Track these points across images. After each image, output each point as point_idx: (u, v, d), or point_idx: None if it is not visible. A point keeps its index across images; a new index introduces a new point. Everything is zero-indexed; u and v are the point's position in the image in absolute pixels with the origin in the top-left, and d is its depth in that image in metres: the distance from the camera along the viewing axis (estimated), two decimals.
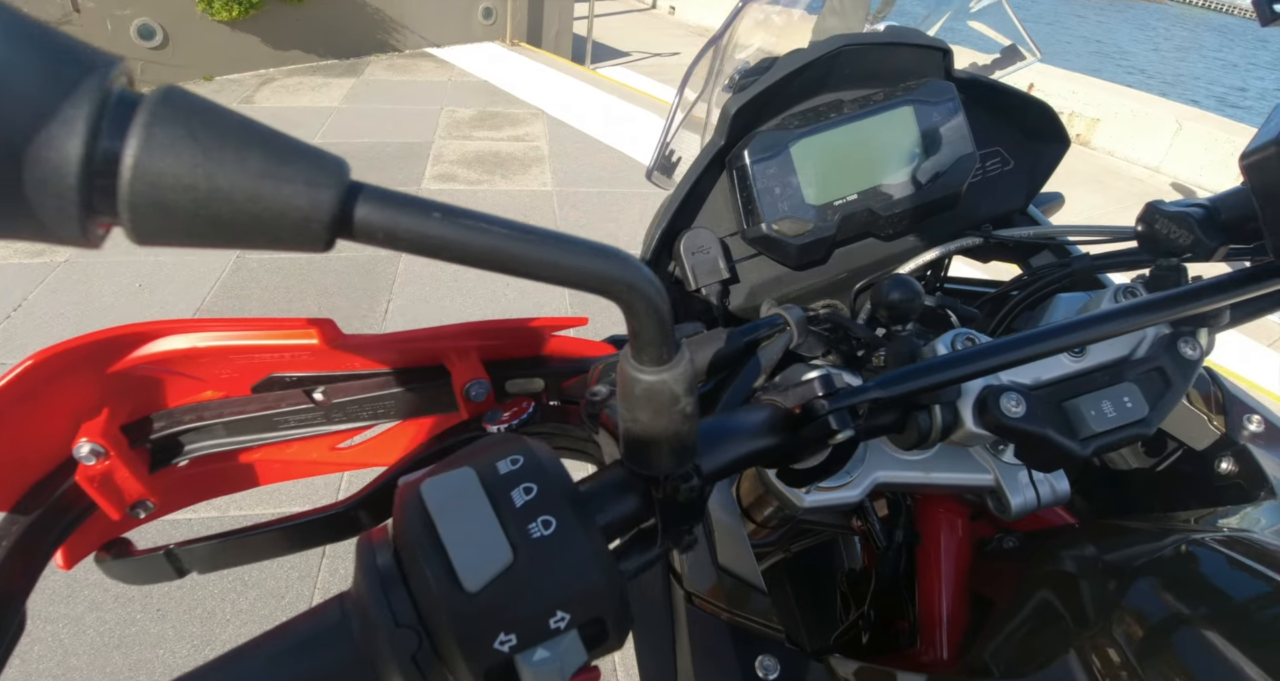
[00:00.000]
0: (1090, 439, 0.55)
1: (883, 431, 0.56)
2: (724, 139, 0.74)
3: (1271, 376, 3.68)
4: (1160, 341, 0.60)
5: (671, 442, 0.33)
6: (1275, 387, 3.58)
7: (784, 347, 0.54)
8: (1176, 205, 0.58)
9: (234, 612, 2.15)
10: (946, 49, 0.78)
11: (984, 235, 0.75)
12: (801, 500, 0.67)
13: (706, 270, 0.75)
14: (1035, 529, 0.79)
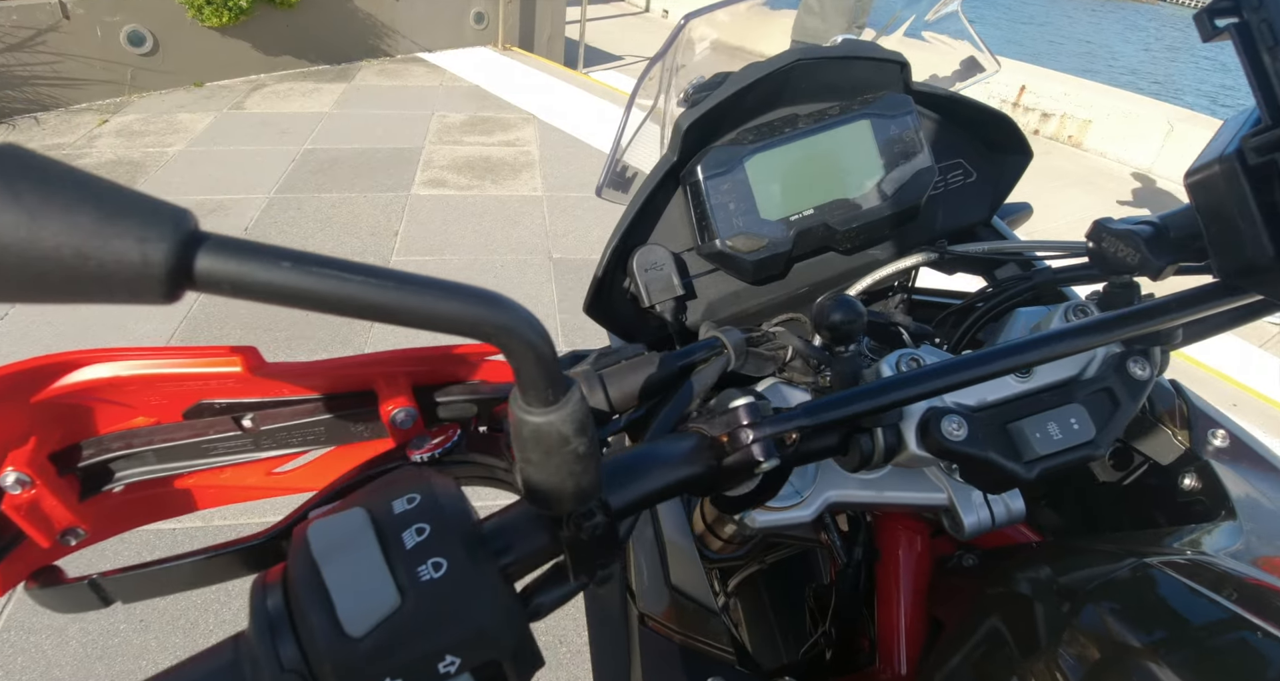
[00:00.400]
0: (1035, 461, 0.55)
1: (824, 454, 0.55)
2: (677, 154, 0.74)
3: (1269, 380, 3.67)
4: (1110, 361, 0.59)
5: (567, 483, 0.33)
6: (1271, 392, 3.57)
7: (720, 371, 0.53)
8: (1125, 222, 0.57)
9: (217, 623, 2.14)
10: (904, 62, 0.78)
11: (939, 250, 0.75)
12: (754, 520, 0.67)
13: (660, 287, 0.75)
14: (997, 546, 0.78)
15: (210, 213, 4.34)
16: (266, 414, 0.54)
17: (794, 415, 0.45)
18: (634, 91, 0.95)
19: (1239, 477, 0.73)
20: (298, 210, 4.41)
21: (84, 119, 5.65)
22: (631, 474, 0.41)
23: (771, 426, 0.44)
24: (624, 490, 0.40)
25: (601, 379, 0.49)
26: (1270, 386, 3.61)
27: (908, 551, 0.77)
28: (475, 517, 0.35)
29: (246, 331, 3.37)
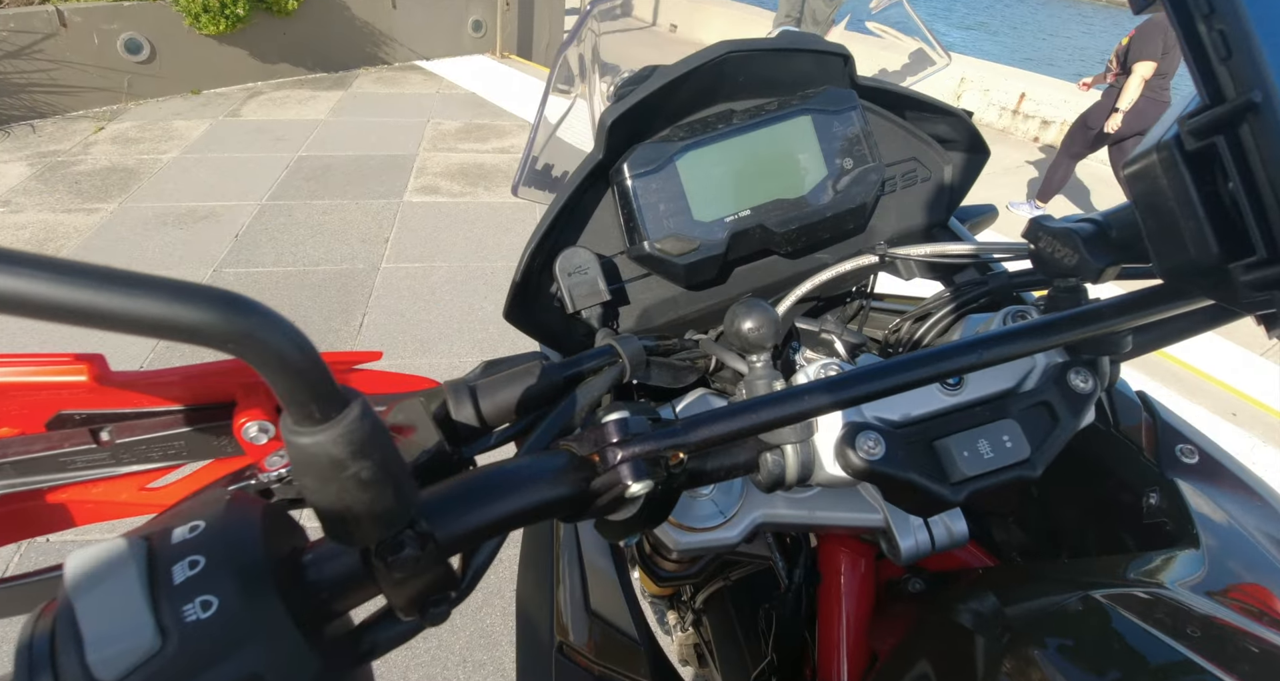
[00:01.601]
0: (963, 483, 0.50)
1: (728, 473, 0.51)
2: (603, 152, 0.70)
3: (1269, 388, 3.61)
4: (1050, 372, 0.54)
5: (355, 512, 0.28)
6: (1271, 401, 3.51)
7: (611, 383, 0.49)
8: (1064, 221, 0.53)
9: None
10: (846, 55, 0.73)
11: (879, 254, 0.70)
12: (674, 542, 0.62)
13: (584, 292, 0.70)
14: (947, 569, 0.74)
15: (201, 220, 4.32)
16: (125, 426, 0.50)
17: (670, 433, 0.40)
18: (548, 83, 0.91)
19: (1206, 498, 0.68)
20: (288, 217, 4.38)
21: (80, 126, 5.65)
22: (472, 499, 0.36)
23: (642, 445, 0.39)
24: (461, 517, 0.35)
25: (473, 391, 0.45)
26: (1270, 394, 3.54)
27: (850, 574, 0.72)
28: (266, 549, 0.31)
29: None
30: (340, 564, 0.33)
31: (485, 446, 0.45)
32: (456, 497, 0.36)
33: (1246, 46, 0.35)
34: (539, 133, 0.91)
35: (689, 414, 0.62)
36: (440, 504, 0.35)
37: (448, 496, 0.36)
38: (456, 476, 0.38)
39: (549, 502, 0.39)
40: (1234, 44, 0.35)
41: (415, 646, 2.11)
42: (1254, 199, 0.37)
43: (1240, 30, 0.35)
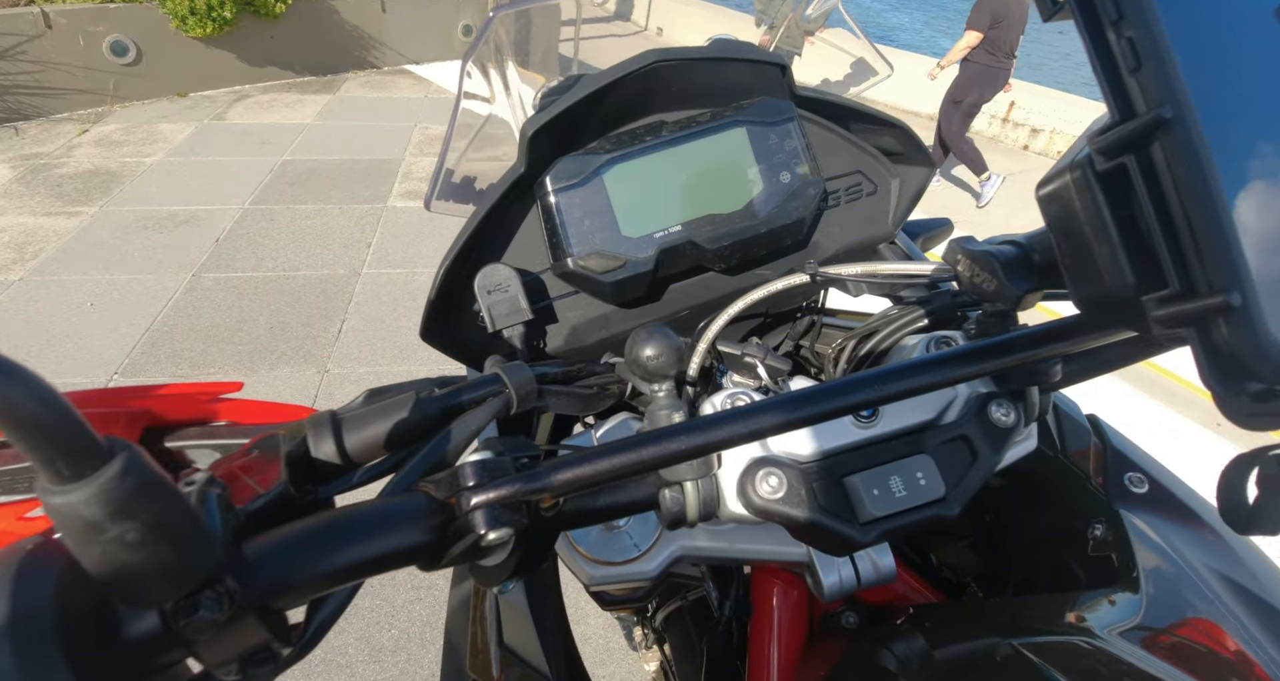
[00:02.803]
0: (873, 523, 0.47)
1: (626, 511, 0.48)
2: (525, 165, 0.67)
3: None
4: (971, 404, 0.51)
5: (131, 574, 0.25)
6: None
7: (493, 415, 0.46)
8: (987, 243, 0.50)
9: None
10: (784, 64, 0.70)
11: (809, 272, 0.68)
12: (589, 576, 0.59)
13: (505, 310, 0.67)
14: (884, 602, 0.71)
15: (183, 224, 4.28)
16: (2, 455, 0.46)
17: (531, 477, 0.37)
18: (459, 93, 0.88)
19: (1152, 531, 0.66)
20: (271, 221, 4.35)
21: (64, 128, 5.61)
22: (303, 549, 0.33)
23: (498, 490, 0.36)
24: (286, 570, 0.32)
25: (336, 424, 0.42)
26: None
27: (783, 607, 0.69)
28: (58, 609, 0.27)
29: (209, 343, 3.30)
30: (144, 624, 0.30)
31: (347, 486, 0.42)
32: (283, 548, 0.33)
33: (1157, 57, 0.32)
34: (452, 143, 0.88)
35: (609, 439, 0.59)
36: (262, 556, 0.32)
37: (273, 547, 0.33)
38: (291, 524, 0.34)
39: (400, 551, 0.36)
40: (1144, 54, 0.32)
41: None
42: (1166, 225, 0.34)
43: (1151, 39, 0.32)
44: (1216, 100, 0.33)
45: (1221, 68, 0.33)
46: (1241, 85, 0.34)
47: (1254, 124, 0.34)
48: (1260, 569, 0.66)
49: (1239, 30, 0.34)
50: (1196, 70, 0.32)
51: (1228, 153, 0.33)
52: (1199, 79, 0.32)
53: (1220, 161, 0.32)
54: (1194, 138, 0.31)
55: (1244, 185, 0.33)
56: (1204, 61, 0.33)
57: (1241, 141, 0.33)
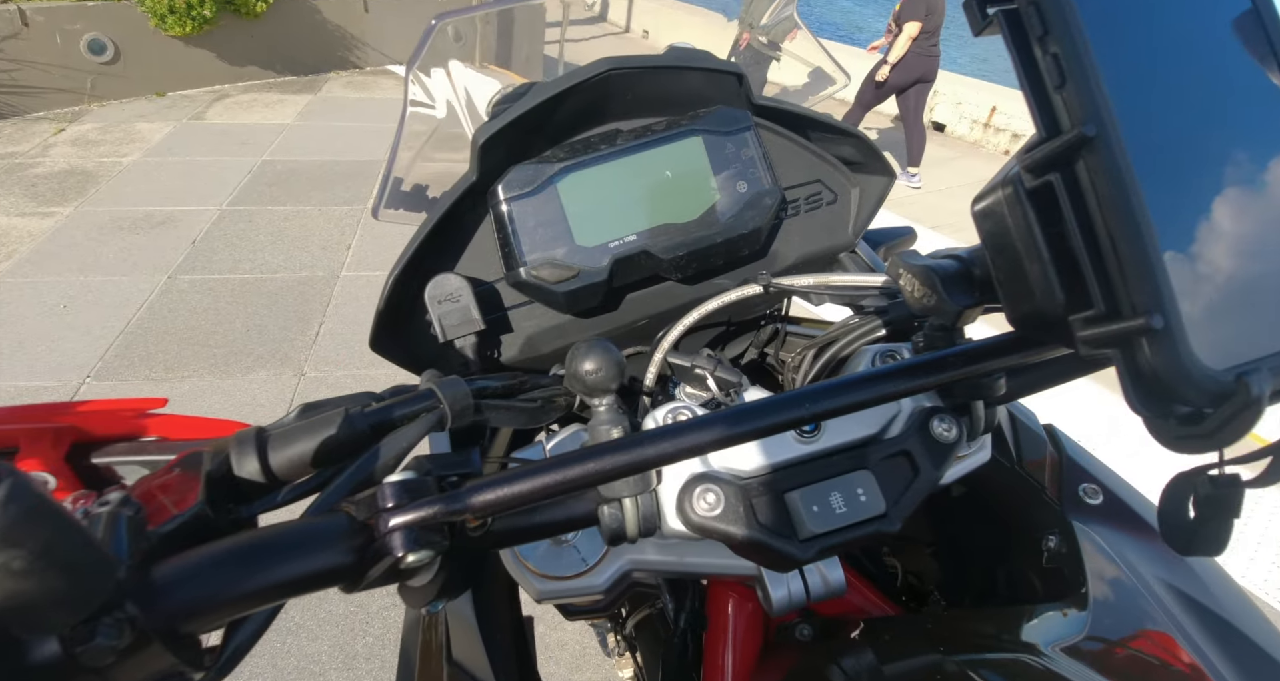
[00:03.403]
0: (812, 540, 0.47)
1: (565, 528, 0.47)
2: (476, 173, 0.66)
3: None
4: (914, 419, 0.51)
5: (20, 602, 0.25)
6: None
7: (425, 431, 0.45)
8: (928, 257, 0.49)
9: None
10: (740, 73, 0.70)
11: (762, 283, 0.67)
12: (537, 591, 0.58)
13: (457, 320, 0.66)
14: (840, 614, 0.70)
15: (159, 225, 4.24)
16: None
17: (451, 498, 0.37)
18: (404, 100, 0.88)
19: (1103, 543, 0.66)
20: (249, 222, 4.31)
21: (40, 127, 5.54)
22: (213, 572, 0.32)
23: (416, 512, 0.35)
24: (194, 594, 0.31)
25: (261, 441, 0.41)
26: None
27: (737, 620, 0.69)
28: None
29: (184, 346, 3.26)
30: (46, 651, 0.29)
31: (271, 505, 0.41)
32: (192, 571, 0.32)
33: (1081, 73, 0.32)
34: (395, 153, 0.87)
35: (559, 451, 0.58)
36: (170, 579, 0.31)
37: (182, 570, 0.32)
38: (204, 546, 0.34)
39: (317, 573, 0.35)
40: (1068, 70, 0.32)
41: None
42: (1091, 245, 0.33)
43: (1075, 55, 0.32)
44: (1142, 119, 0.33)
45: (1148, 87, 0.33)
46: (1169, 105, 0.33)
47: (1181, 144, 0.33)
48: (1213, 580, 0.66)
49: (1167, 49, 0.34)
50: (1122, 88, 0.32)
51: (1153, 172, 0.32)
52: (1125, 97, 0.32)
53: (1145, 181, 0.32)
54: (1117, 156, 0.31)
55: (1169, 206, 0.33)
56: (1130, 80, 0.33)
57: (1168, 161, 0.33)
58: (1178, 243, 0.32)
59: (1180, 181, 0.33)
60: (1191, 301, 0.32)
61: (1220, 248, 0.33)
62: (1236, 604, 0.64)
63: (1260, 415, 0.30)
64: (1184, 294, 0.31)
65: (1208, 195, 0.33)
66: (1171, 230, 0.32)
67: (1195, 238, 0.33)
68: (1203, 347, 0.31)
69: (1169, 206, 0.32)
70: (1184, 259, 0.32)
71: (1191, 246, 0.32)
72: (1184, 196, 0.33)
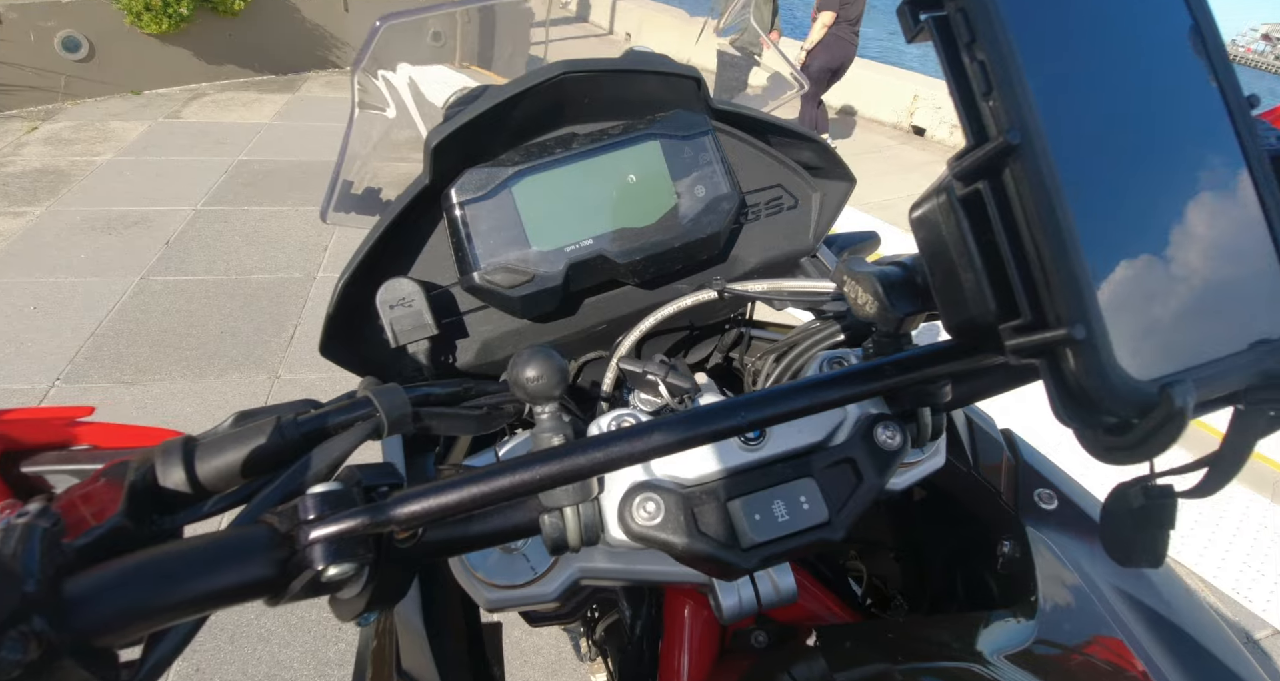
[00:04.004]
0: (755, 549, 0.46)
1: (506, 537, 0.46)
2: (430, 176, 0.65)
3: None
4: (859, 426, 0.51)
5: None
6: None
7: (359, 440, 0.44)
8: (872, 264, 0.49)
9: None
10: (697, 77, 0.70)
11: (716, 288, 0.67)
12: (485, 600, 0.58)
13: (409, 325, 0.65)
14: (794, 620, 0.70)
15: (133, 225, 4.18)
16: None
17: (374, 510, 0.36)
18: (352, 102, 0.87)
19: (1056, 548, 0.66)
20: (224, 223, 4.26)
21: (12, 126, 5.45)
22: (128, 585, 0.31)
23: (337, 524, 0.35)
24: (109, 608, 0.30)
25: (188, 451, 0.40)
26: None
27: (693, 626, 0.68)
28: None
29: (156, 348, 3.21)
30: None
31: (197, 516, 0.40)
32: (107, 584, 0.31)
33: (1007, 81, 0.31)
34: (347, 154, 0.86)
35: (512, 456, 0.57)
36: (84, 592, 0.30)
37: (96, 583, 0.31)
38: (122, 558, 0.33)
39: (238, 586, 0.34)
40: (995, 78, 0.32)
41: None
42: (1018, 253, 0.33)
43: (1001, 63, 0.31)
44: (1071, 129, 0.32)
45: (1078, 96, 0.33)
46: (1099, 115, 0.33)
47: (1111, 155, 0.33)
48: (1167, 585, 0.66)
49: (1098, 60, 0.34)
50: (1050, 97, 0.32)
51: (1081, 182, 0.32)
52: (1053, 106, 0.32)
53: (1072, 190, 0.31)
54: (1041, 165, 0.31)
55: (1097, 216, 0.32)
56: (1059, 89, 0.32)
57: (1096, 172, 0.33)
58: (1105, 253, 0.32)
59: (1109, 192, 0.33)
60: (1118, 312, 0.31)
61: (1148, 259, 0.33)
62: (1189, 608, 0.64)
63: (1184, 426, 0.30)
64: (1111, 304, 0.31)
65: (1137, 207, 0.33)
66: (1099, 241, 0.32)
67: (1123, 249, 0.32)
68: (1129, 358, 0.31)
69: (1097, 217, 0.32)
70: (1111, 269, 0.32)
71: (1119, 257, 0.32)
72: (1113, 207, 0.33)
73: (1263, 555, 2.67)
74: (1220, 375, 0.32)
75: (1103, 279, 0.31)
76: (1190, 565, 2.57)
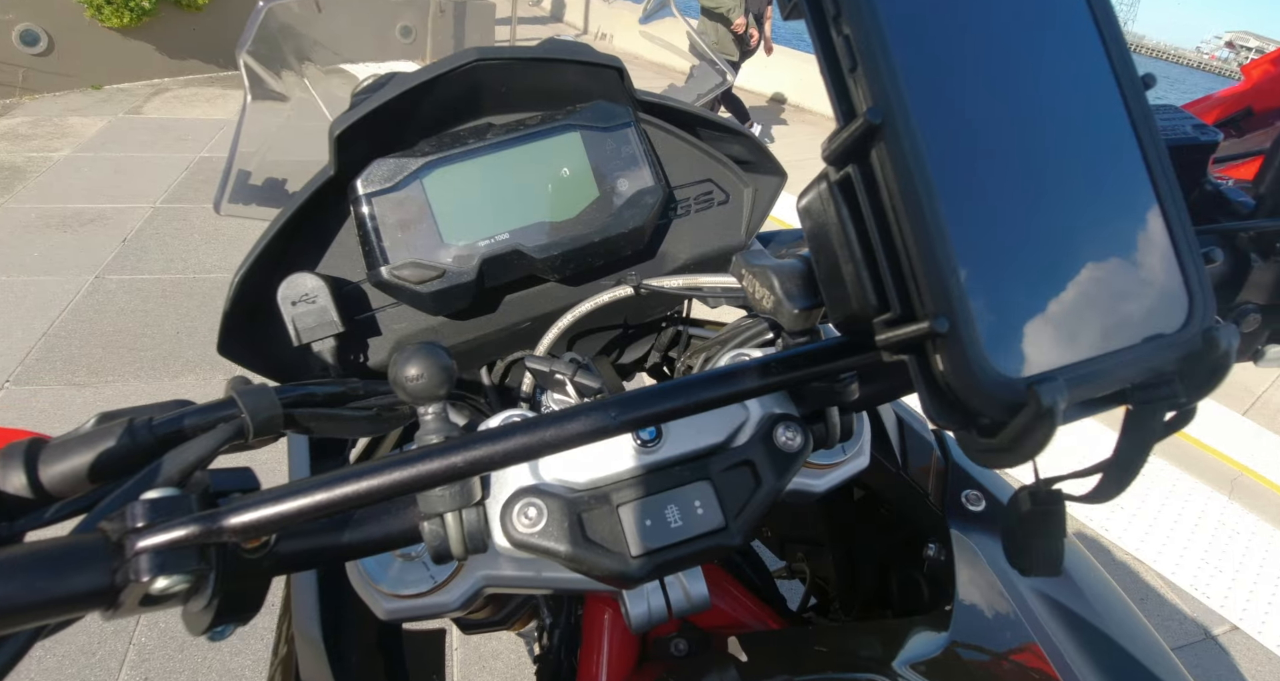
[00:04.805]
0: (646, 557, 0.44)
1: (381, 546, 0.44)
2: (334, 167, 0.62)
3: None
4: (760, 427, 0.49)
5: None
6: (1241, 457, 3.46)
7: (219, 443, 0.41)
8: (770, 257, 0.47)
9: (39, 670, 1.94)
10: (619, 67, 0.67)
11: (632, 284, 0.65)
12: (383, 610, 0.55)
13: (313, 322, 0.62)
14: (717, 626, 0.68)
15: (89, 223, 4.08)
16: None
17: (206, 518, 0.33)
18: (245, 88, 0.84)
19: (981, 551, 0.64)
20: (183, 221, 4.17)
21: None
22: None
23: (166, 533, 0.32)
24: None
25: (32, 455, 0.37)
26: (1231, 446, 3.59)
27: (612, 634, 0.66)
28: None
29: (109, 349, 3.13)
30: None
31: (38, 522, 0.37)
32: None
33: (871, 56, 0.29)
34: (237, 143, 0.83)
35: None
36: None
37: None
38: None
39: (66, 597, 0.31)
40: (859, 52, 0.29)
41: None
42: (886, 241, 0.31)
43: (865, 36, 0.29)
44: (944, 110, 0.30)
45: (954, 75, 0.31)
46: (976, 96, 0.31)
47: (988, 138, 0.31)
48: (1093, 588, 0.65)
49: (978, 36, 0.32)
50: (921, 76, 0.30)
51: (953, 166, 0.30)
52: (923, 85, 0.30)
53: (941, 174, 0.29)
54: (905, 146, 0.29)
55: (970, 203, 0.30)
56: (933, 67, 0.30)
57: (971, 156, 0.31)
58: (978, 243, 0.30)
59: (986, 179, 0.31)
60: (991, 306, 0.29)
61: (1029, 250, 0.31)
62: (1115, 610, 0.63)
63: (1054, 427, 0.28)
64: (982, 297, 0.29)
65: (1018, 195, 0.31)
66: (971, 230, 0.30)
67: (1000, 239, 0.30)
68: (1002, 355, 0.29)
69: (970, 204, 0.30)
70: (985, 261, 0.30)
71: (995, 248, 0.30)
72: (989, 195, 0.30)
73: (1220, 551, 2.71)
74: (1104, 372, 0.30)
75: (975, 270, 0.29)
76: (1149, 562, 2.59)
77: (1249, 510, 2.95)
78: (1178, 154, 0.49)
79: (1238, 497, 3.02)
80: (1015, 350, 0.29)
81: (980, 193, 0.30)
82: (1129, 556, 2.62)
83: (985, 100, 0.31)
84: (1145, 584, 2.53)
